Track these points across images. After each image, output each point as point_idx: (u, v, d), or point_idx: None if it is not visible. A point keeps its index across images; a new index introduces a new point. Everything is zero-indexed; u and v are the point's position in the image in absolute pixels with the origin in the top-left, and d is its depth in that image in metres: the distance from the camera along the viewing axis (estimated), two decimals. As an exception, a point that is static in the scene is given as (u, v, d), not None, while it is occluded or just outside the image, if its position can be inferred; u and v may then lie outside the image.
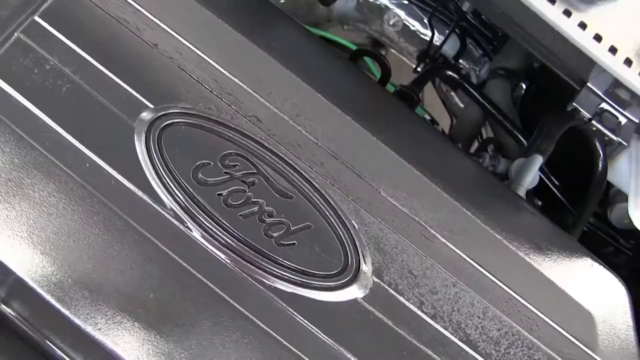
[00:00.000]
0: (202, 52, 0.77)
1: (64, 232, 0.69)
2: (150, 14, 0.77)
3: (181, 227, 0.70)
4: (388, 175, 0.77)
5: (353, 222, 0.73)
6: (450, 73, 1.18)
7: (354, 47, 1.51)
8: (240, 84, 0.76)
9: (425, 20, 1.50)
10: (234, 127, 0.74)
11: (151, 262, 0.69)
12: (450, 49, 1.47)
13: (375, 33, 1.58)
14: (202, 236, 0.69)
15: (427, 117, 1.50)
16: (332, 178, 0.74)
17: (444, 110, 1.56)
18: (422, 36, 1.53)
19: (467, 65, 1.48)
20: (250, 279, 0.69)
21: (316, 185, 0.73)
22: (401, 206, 0.76)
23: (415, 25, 1.52)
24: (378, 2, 1.49)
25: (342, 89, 0.83)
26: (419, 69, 1.48)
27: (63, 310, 0.66)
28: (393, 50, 1.61)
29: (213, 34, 0.78)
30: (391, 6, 1.50)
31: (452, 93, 1.50)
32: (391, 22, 1.52)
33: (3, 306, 0.73)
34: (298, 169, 0.73)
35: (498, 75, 1.27)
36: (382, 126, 0.81)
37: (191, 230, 0.70)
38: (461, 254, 0.76)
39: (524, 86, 1.36)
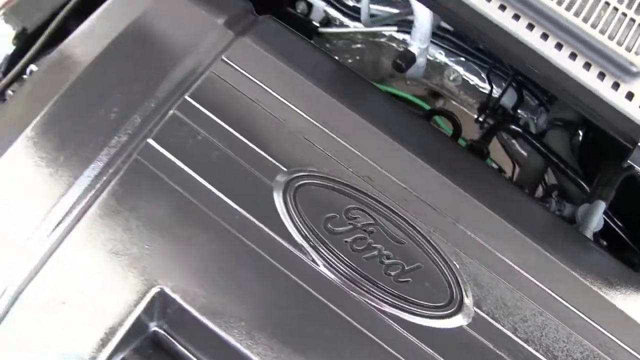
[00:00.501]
0: (322, 125, 0.99)
1: (220, 270, 0.91)
2: (278, 94, 1.00)
3: (316, 268, 0.90)
4: (479, 223, 0.97)
5: (454, 262, 0.93)
6: (514, 127, 1.39)
7: (426, 106, 1.73)
8: (355, 150, 0.98)
9: (483, 75, 1.72)
10: (352, 186, 0.95)
11: (294, 298, 0.89)
12: (508, 100, 1.68)
13: (436, 87, 1.80)
14: (335, 275, 0.90)
15: (495, 166, 1.70)
16: (434, 226, 0.95)
17: (504, 154, 1.76)
18: (480, 89, 1.75)
19: (525, 115, 1.69)
20: (376, 310, 0.89)
21: (422, 233, 0.94)
22: (492, 249, 0.95)
23: (473, 79, 1.74)
24: (438, 61, 1.71)
25: (432, 150, 1.04)
26: (480, 119, 1.69)
27: (226, 336, 0.87)
28: (453, 102, 1.83)
29: (329, 110, 1.00)
30: (450, 63, 1.72)
31: (513, 141, 1.70)
32: (451, 78, 1.74)
33: (165, 333, 0.93)
34: (407, 219, 0.94)
35: (556, 126, 1.47)
36: (468, 180, 1.01)
37: (325, 270, 0.90)
38: (544, 287, 0.95)
39: (580, 133, 1.56)
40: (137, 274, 0.91)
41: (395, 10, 1.62)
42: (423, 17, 1.28)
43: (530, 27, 1.01)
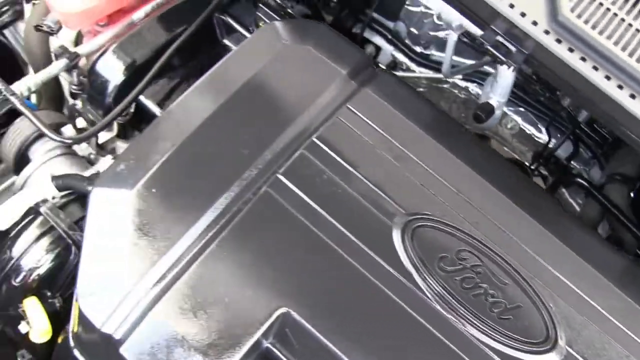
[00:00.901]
0: (434, 172, 1.13)
1: (340, 297, 1.03)
2: (396, 142, 1.14)
3: (428, 301, 1.03)
4: (571, 269, 1.12)
5: (550, 304, 1.07)
6: (580, 181, 1.53)
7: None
8: (464, 197, 1.12)
9: (540, 126, 1.87)
10: (462, 230, 1.08)
11: (407, 327, 1.02)
12: (561, 150, 1.83)
13: (489, 132, 1.95)
14: (444, 309, 1.03)
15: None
16: (534, 271, 1.09)
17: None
18: (535, 138, 1.89)
19: (577, 166, 1.84)
20: (479, 343, 1.02)
21: (523, 276, 1.07)
22: (583, 294, 1.09)
23: (530, 129, 1.89)
24: (498, 110, 1.86)
25: (530, 200, 1.18)
26: (532, 167, 1.84)
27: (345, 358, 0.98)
28: (505, 148, 1.97)
29: (440, 159, 1.15)
30: (509, 113, 1.87)
31: (563, 189, 1.84)
32: (509, 126, 1.89)
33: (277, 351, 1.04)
34: (509, 263, 1.08)
35: (615, 180, 1.62)
36: (561, 229, 1.15)
37: (436, 305, 1.03)
38: (629, 332, 1.08)
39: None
40: (263, 296, 1.03)
41: (466, 61, 1.77)
42: (506, 73, 1.42)
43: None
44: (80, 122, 1.54)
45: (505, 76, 1.45)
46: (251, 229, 1.07)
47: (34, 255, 1.36)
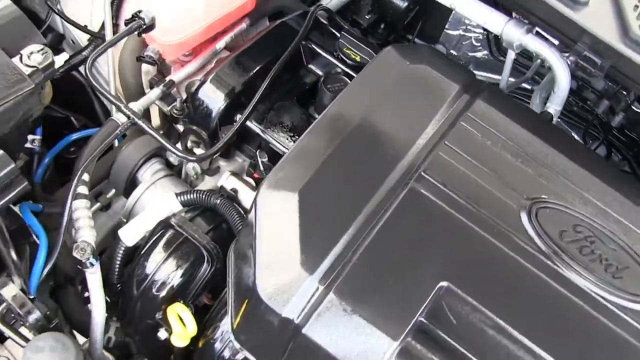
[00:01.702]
0: (545, 166, 1.52)
1: (483, 268, 1.38)
2: (511, 141, 1.53)
3: (558, 268, 1.41)
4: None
5: (652, 267, 1.47)
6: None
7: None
8: (571, 184, 1.51)
9: (574, 133, 2.33)
10: (574, 209, 1.48)
11: (530, 286, 1.37)
12: (594, 154, 2.28)
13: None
14: (571, 273, 1.40)
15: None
16: (634, 240, 1.48)
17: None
18: (568, 145, 2.34)
19: (609, 167, 2.29)
20: (601, 298, 1.38)
21: (627, 243, 1.47)
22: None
23: (564, 137, 2.34)
24: (534, 118, 2.30)
25: (622, 186, 1.59)
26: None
27: (506, 325, 1.31)
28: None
29: (550, 155, 1.55)
30: (544, 121, 2.31)
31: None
32: (544, 135, 2.33)
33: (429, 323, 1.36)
34: (615, 233, 1.47)
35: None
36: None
37: (565, 270, 1.40)
38: None
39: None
40: (422, 274, 1.35)
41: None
42: (563, 83, 1.86)
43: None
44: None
45: (563, 86, 1.88)
46: (404, 218, 1.41)
47: (166, 269, 1.64)
